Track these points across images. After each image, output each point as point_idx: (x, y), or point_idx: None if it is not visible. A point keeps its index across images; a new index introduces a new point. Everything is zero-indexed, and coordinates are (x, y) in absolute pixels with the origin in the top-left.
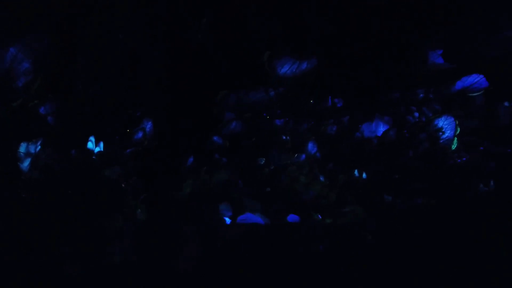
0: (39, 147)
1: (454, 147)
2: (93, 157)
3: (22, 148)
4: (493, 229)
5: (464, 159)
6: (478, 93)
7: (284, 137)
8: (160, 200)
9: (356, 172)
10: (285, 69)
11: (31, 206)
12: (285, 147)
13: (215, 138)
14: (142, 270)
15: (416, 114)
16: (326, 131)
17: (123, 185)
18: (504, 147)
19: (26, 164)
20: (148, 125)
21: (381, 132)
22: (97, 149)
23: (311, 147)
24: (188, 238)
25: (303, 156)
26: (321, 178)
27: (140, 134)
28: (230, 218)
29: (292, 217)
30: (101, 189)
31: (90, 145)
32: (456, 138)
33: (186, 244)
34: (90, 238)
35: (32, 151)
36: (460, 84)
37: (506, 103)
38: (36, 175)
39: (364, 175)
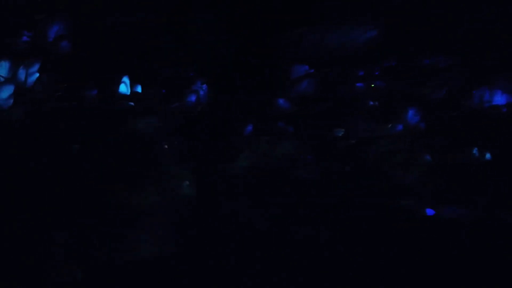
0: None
1: None
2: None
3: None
4: None
5: None
6: None
7: (371, 102)
8: (207, 172)
9: (475, 150)
10: None
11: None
12: (373, 115)
13: (280, 101)
14: (182, 268)
15: None
16: (432, 96)
17: (165, 146)
18: None
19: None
20: (203, 88)
21: (500, 102)
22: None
23: (412, 115)
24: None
25: (400, 127)
26: (428, 157)
27: (193, 98)
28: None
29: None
30: (130, 147)
31: (123, 88)
32: None
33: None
34: (106, 222)
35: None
36: None
37: None
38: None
39: (488, 155)
